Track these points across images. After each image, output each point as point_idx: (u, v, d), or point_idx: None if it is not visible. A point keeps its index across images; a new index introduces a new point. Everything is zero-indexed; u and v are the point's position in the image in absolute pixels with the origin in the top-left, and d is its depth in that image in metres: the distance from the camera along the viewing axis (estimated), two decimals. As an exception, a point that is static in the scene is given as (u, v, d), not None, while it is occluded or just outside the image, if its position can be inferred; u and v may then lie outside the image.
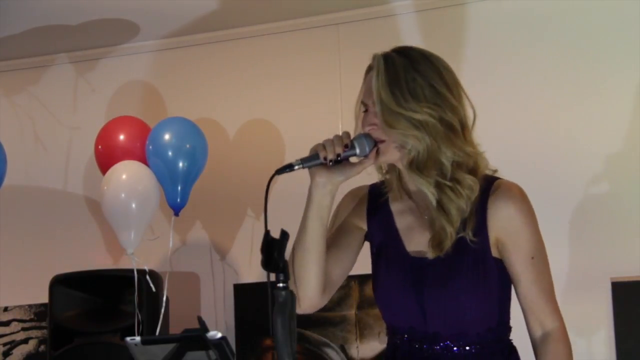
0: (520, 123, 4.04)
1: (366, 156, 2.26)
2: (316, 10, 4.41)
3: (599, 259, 3.87)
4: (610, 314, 3.84)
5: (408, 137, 2.24)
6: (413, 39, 4.22)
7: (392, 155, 2.29)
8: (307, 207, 2.29)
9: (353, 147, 2.24)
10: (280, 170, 2.20)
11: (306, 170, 2.26)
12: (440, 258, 2.29)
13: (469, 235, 2.27)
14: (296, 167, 2.21)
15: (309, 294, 2.31)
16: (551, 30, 4.10)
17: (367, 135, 2.26)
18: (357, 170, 2.28)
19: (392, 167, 2.38)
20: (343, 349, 4.24)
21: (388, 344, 2.42)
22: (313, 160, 2.23)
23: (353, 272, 2.44)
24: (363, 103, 2.33)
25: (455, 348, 2.29)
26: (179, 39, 4.68)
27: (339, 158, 2.24)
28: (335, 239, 2.40)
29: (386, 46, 2.33)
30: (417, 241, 2.34)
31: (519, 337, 2.37)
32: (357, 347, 4.20)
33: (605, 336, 3.85)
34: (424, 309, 2.29)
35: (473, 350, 2.29)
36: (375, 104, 2.26)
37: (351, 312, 4.21)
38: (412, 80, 2.26)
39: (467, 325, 2.29)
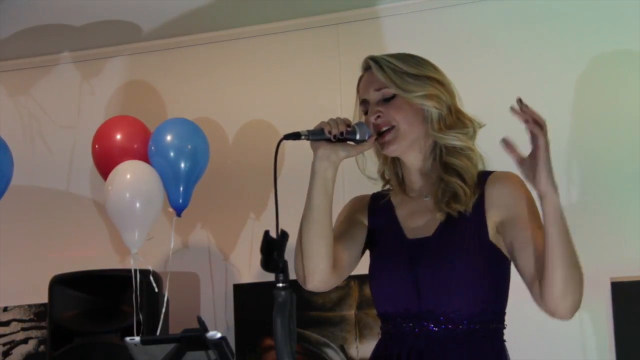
0: (518, 121, 4.03)
1: (365, 141, 2.35)
2: (316, 10, 4.41)
3: (599, 258, 3.86)
4: (609, 313, 3.84)
5: (427, 99, 2.34)
6: (412, 39, 4.22)
7: (401, 141, 2.35)
8: (311, 182, 2.34)
9: (354, 131, 2.34)
10: (288, 136, 2.28)
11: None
12: (437, 236, 2.31)
13: (466, 210, 2.29)
14: (302, 137, 2.30)
15: (321, 266, 2.32)
16: (550, 30, 4.11)
17: (365, 125, 2.36)
18: (358, 150, 2.36)
19: (391, 164, 2.45)
20: (343, 349, 4.24)
21: (380, 338, 2.40)
22: (318, 134, 2.31)
23: (353, 272, 2.44)
24: (362, 103, 2.41)
25: (449, 325, 2.27)
26: (179, 39, 4.68)
27: (342, 136, 2.32)
28: (339, 229, 2.43)
29: (386, 46, 2.35)
30: (416, 224, 2.37)
31: (515, 336, 2.37)
32: (357, 347, 4.20)
33: (605, 336, 3.85)
34: (419, 288, 2.29)
35: (465, 328, 2.27)
36: (376, 92, 2.36)
37: (351, 312, 4.21)
38: (414, 63, 2.38)
39: (461, 303, 2.27)
